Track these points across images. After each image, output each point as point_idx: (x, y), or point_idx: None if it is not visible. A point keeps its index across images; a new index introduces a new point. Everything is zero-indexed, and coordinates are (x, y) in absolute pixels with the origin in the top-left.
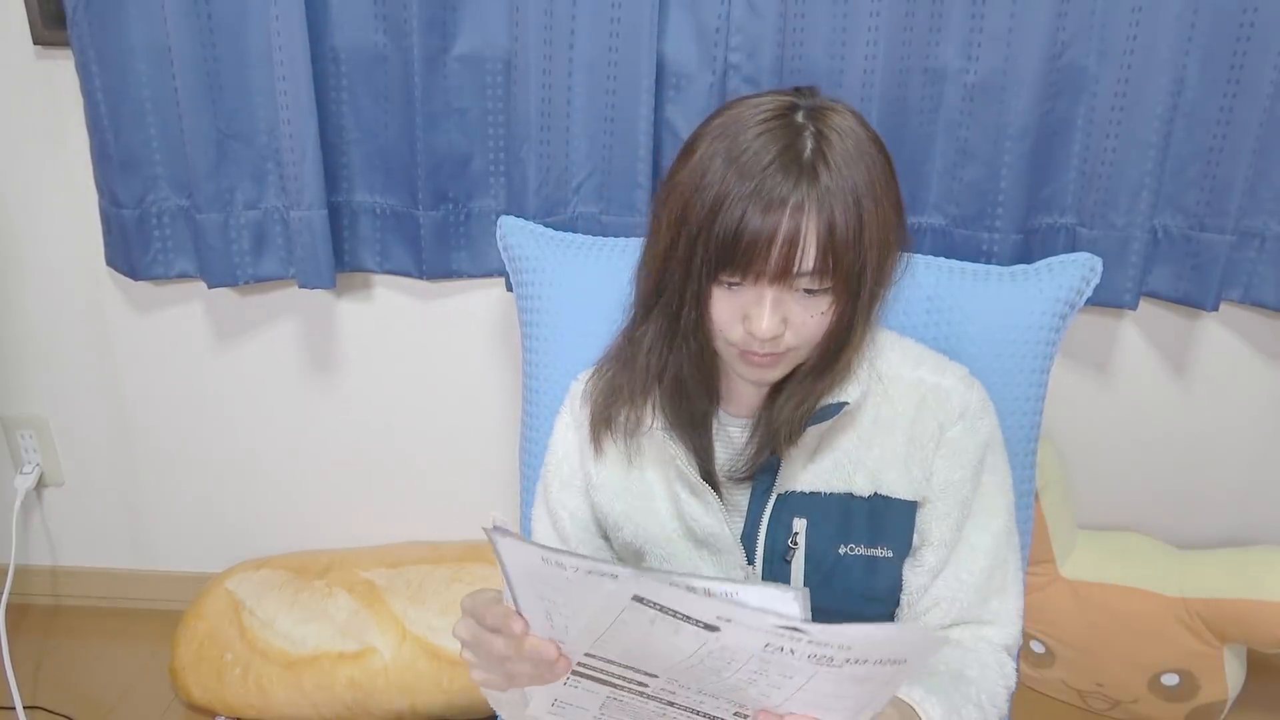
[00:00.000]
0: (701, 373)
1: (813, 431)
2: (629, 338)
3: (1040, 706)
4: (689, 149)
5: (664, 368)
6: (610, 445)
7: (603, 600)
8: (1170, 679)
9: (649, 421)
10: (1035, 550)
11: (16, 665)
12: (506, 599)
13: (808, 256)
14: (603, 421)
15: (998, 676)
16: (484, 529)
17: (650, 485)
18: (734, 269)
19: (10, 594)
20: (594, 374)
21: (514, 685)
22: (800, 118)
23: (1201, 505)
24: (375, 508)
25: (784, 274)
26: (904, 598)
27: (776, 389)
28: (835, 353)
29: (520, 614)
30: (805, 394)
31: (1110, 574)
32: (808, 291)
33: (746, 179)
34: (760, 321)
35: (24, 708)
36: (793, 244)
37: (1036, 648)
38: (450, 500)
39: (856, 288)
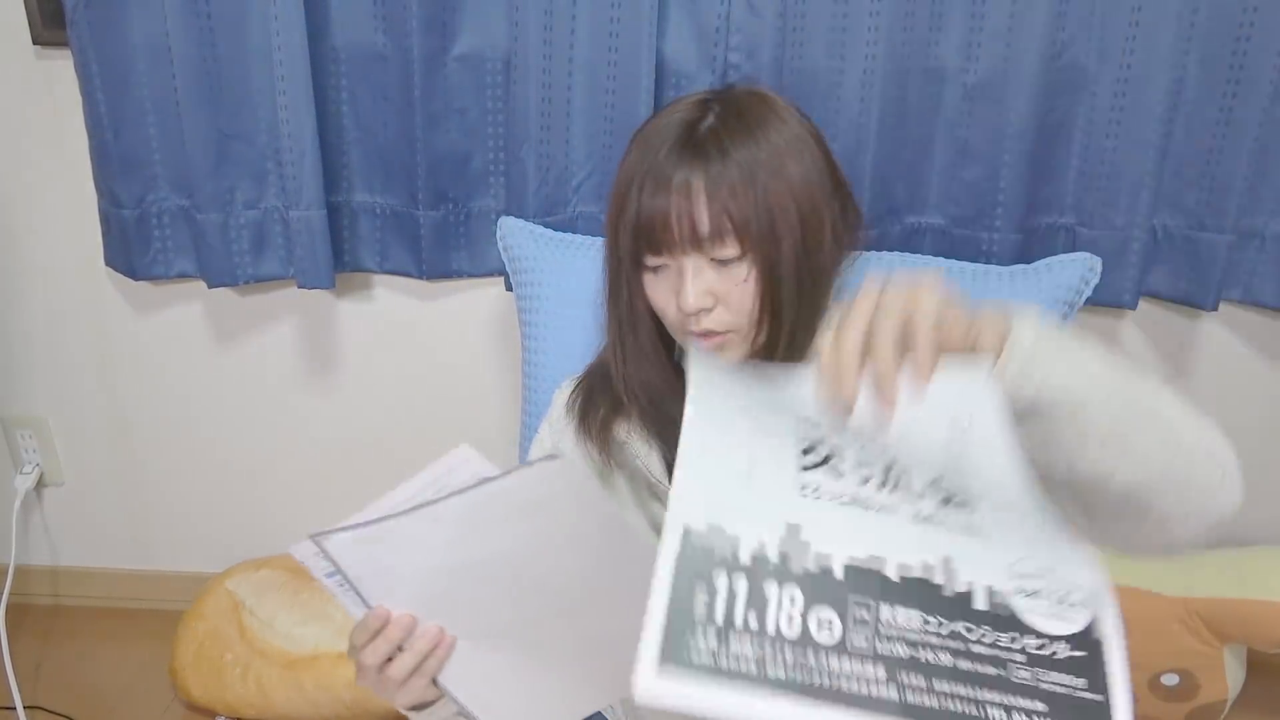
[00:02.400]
0: (666, 378)
1: None
2: (603, 355)
3: None
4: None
5: (628, 371)
6: (588, 454)
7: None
8: (1170, 679)
9: (622, 436)
10: None
11: (16, 665)
12: (356, 614)
13: (701, 224)
14: (583, 431)
15: None
16: (311, 536)
17: (623, 496)
18: (649, 249)
19: (10, 594)
20: (576, 384)
21: (423, 678)
22: (711, 100)
23: None
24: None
25: (690, 245)
26: None
27: None
28: (779, 324)
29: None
30: None
31: (1110, 574)
32: (721, 262)
33: (646, 161)
34: (686, 295)
35: (24, 708)
36: (688, 216)
37: None
38: None
39: (773, 251)
